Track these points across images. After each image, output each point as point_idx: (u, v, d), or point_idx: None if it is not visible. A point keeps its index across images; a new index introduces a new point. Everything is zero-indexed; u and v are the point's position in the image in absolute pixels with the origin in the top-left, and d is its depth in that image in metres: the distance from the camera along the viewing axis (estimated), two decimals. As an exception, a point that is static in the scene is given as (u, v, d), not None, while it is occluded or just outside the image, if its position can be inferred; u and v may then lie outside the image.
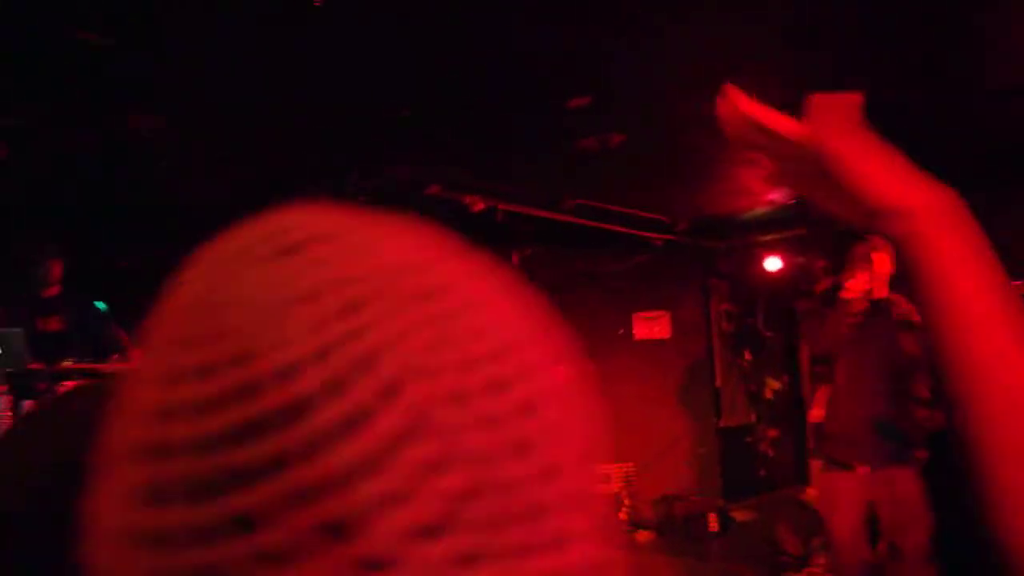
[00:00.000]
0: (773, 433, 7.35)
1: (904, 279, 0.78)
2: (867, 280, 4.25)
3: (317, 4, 3.25)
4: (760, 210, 6.34)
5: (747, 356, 7.30)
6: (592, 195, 5.71)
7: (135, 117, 3.81)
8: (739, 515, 6.58)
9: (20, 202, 5.08)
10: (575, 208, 5.69)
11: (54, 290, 5.21)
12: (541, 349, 0.44)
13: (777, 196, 5.98)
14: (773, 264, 6.90)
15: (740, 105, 0.86)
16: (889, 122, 0.86)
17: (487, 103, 4.09)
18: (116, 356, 5.15)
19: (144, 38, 3.51)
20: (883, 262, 4.14)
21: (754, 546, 5.89)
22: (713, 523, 6.31)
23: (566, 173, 5.31)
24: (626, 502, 6.61)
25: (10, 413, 4.57)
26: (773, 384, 7.43)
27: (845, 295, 4.33)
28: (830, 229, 5.76)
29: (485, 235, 6.35)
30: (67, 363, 4.94)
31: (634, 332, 6.93)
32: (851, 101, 0.80)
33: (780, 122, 0.84)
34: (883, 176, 0.77)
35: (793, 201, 5.96)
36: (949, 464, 0.78)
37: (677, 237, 6.60)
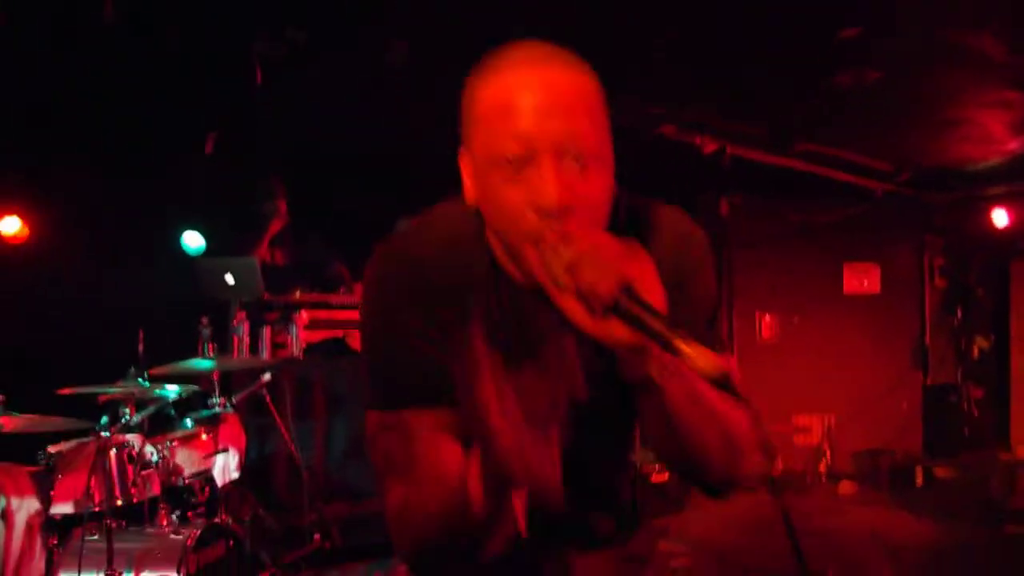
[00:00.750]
0: (978, 393, 7.07)
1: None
2: None
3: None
4: (994, 160, 5.94)
5: (958, 313, 7.02)
6: (820, 139, 5.45)
7: (391, 43, 3.77)
8: (941, 472, 6.44)
9: (258, 135, 5.18)
10: (803, 153, 5.45)
11: (278, 225, 5.38)
12: None
13: (1019, 144, 5.57)
14: (1000, 218, 6.54)
15: None
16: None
17: (750, 32, 3.90)
18: (341, 288, 5.26)
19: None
20: None
21: (961, 502, 5.78)
22: (919, 478, 6.22)
23: (797, 114, 5.08)
24: (827, 453, 6.47)
25: (248, 340, 4.71)
26: (981, 343, 7.12)
27: None
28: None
29: (698, 180, 6.21)
30: (296, 294, 5.08)
31: (844, 285, 6.70)
32: None
33: None
34: None
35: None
36: None
37: (898, 187, 6.28)
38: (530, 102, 1.11)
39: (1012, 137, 5.46)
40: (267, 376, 4.25)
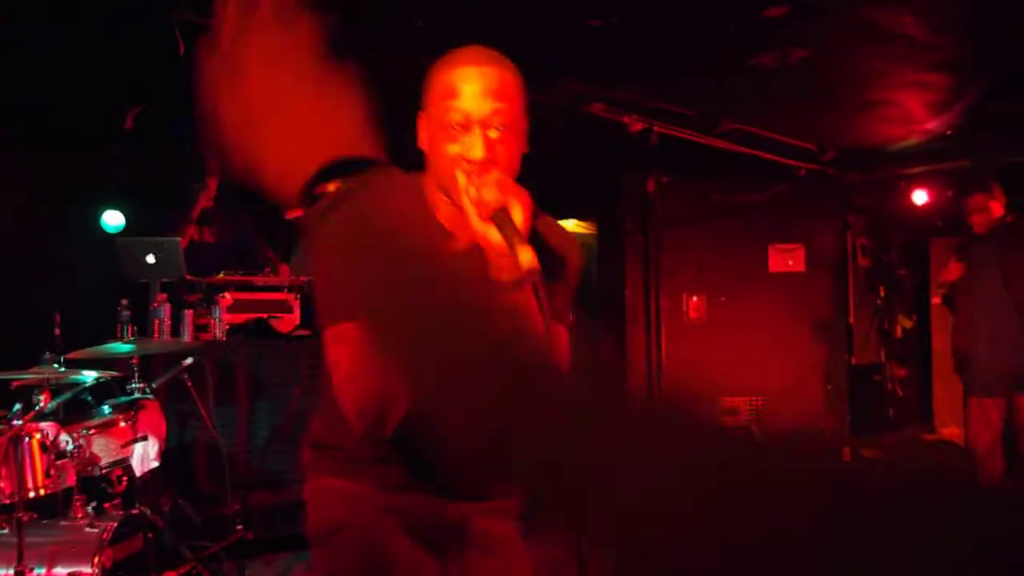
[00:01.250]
0: (902, 373, 7.23)
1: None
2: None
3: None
4: (913, 140, 6.07)
5: (880, 293, 7.15)
6: (745, 119, 5.50)
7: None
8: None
9: (186, 111, 5.01)
10: (730, 133, 5.48)
11: (208, 203, 5.25)
12: None
13: (936, 124, 5.70)
14: (919, 198, 6.69)
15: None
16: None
17: (677, 12, 3.89)
18: (266, 269, 5.14)
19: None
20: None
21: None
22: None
23: (723, 94, 5.12)
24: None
25: (169, 322, 4.57)
26: (904, 323, 7.28)
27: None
28: (999, 159, 5.53)
29: (627, 158, 6.21)
30: (220, 275, 4.95)
31: (769, 264, 6.78)
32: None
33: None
34: None
35: (952, 131, 5.71)
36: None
37: (821, 167, 6.38)
38: (470, 89, 1.62)
39: (930, 117, 5.58)
40: (189, 360, 4.12)
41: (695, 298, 6.65)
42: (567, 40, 4.33)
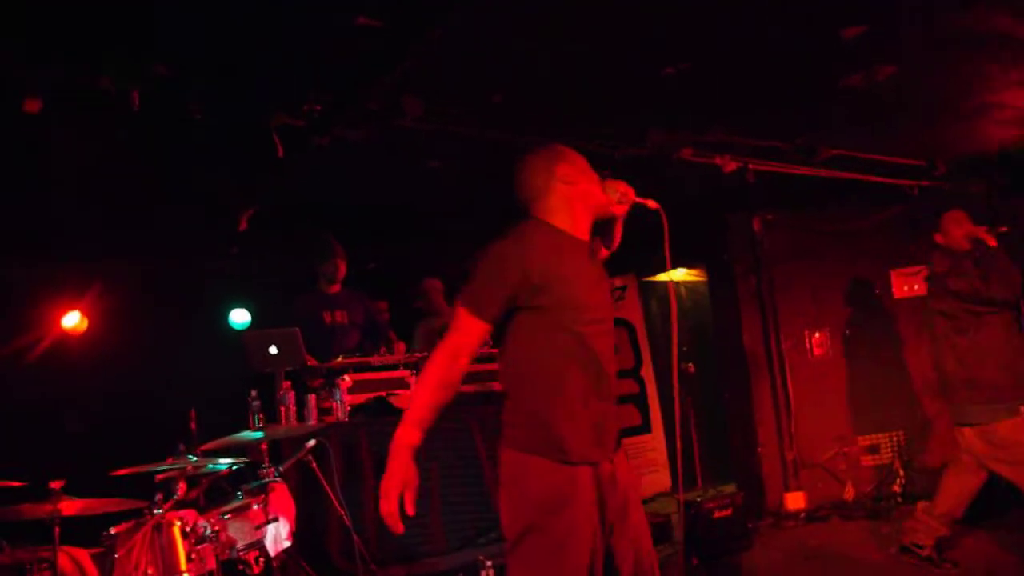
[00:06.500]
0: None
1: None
2: None
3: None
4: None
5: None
6: (844, 144, 5.34)
7: (408, 100, 3.84)
8: None
9: (305, 201, 5.31)
10: (829, 160, 5.32)
11: (337, 287, 5.51)
12: None
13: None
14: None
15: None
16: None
17: (754, 46, 3.86)
18: (383, 349, 5.30)
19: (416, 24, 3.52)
20: None
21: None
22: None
23: (817, 122, 5.01)
24: (900, 473, 6.15)
25: (294, 408, 4.74)
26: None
27: None
28: None
29: (728, 201, 6.13)
30: (339, 359, 5.12)
31: (893, 291, 6.47)
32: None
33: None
34: None
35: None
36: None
37: (935, 182, 6.09)
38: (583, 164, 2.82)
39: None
40: (311, 442, 4.26)
41: (817, 334, 6.40)
42: (644, 92, 4.36)
